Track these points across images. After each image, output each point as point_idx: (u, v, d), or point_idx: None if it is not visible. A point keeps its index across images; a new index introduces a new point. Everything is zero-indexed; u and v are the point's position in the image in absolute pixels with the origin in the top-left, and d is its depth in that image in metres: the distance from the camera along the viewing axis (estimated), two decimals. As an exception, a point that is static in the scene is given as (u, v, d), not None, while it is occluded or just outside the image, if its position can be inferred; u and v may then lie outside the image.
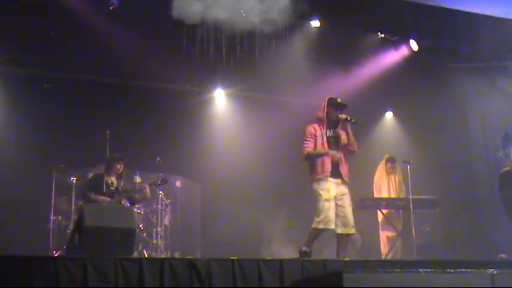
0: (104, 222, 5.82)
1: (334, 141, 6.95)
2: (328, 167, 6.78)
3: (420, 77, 10.33)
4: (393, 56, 10.34)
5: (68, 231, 8.16)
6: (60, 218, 8.75)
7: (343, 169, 6.89)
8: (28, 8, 8.39)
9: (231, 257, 5.50)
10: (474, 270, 5.49)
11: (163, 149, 9.34)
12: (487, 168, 9.83)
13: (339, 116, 6.96)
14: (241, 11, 8.21)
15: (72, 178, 8.76)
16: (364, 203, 8.87)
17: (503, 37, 9.49)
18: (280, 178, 9.92)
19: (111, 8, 8.70)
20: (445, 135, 10.50)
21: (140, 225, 9.02)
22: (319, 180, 6.80)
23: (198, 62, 9.59)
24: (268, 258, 5.90)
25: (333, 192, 6.75)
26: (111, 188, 8.17)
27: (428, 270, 5.37)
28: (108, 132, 8.54)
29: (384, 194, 9.20)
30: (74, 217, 8.04)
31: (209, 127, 10.62)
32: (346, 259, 6.37)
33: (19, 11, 8.37)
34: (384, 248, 9.13)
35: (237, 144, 10.37)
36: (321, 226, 6.69)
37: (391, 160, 9.36)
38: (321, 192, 6.74)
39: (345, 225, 6.75)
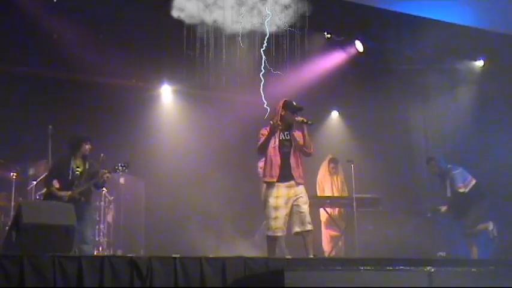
0: (42, 219, 5.67)
1: (287, 144, 6.88)
2: (277, 170, 6.74)
3: (365, 78, 10.50)
4: (339, 56, 10.46)
5: (6, 228, 7.94)
6: (-2, 214, 8.53)
7: (296, 171, 6.81)
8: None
9: (174, 255, 5.45)
10: (413, 268, 5.63)
11: (108, 145, 9.19)
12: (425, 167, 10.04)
13: (296, 118, 6.91)
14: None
15: (11, 173, 8.55)
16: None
17: (444, 40, 9.74)
18: (226, 176, 9.89)
19: (54, 0, 8.52)
20: (389, 135, 10.71)
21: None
22: (268, 184, 6.78)
23: (144, 57, 9.51)
24: (211, 256, 5.88)
25: (282, 199, 6.68)
26: (76, 172, 7.72)
27: (368, 268, 5.47)
28: (50, 127, 8.35)
29: (327, 194, 9.30)
30: (13, 213, 7.82)
31: (155, 123, 10.49)
32: (288, 257, 6.41)
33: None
34: (326, 246, 9.24)
35: (183, 141, 10.29)
36: (269, 233, 6.70)
37: (333, 161, 9.47)
38: (269, 198, 6.72)
39: (302, 223, 6.69)
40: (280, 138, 6.88)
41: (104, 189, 8.63)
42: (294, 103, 6.97)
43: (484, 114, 10.35)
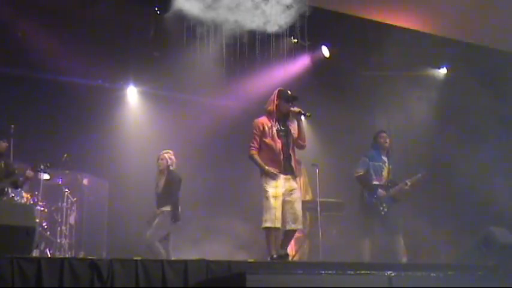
0: (1, 219, 5.58)
1: (284, 135, 6.68)
2: (280, 158, 6.56)
3: (331, 83, 10.58)
4: (305, 61, 10.53)
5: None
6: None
7: (293, 163, 6.68)
8: None
9: (135, 258, 5.42)
10: (374, 272, 5.70)
11: (71, 146, 9.09)
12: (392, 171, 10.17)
13: (291, 109, 6.70)
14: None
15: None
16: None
17: (409, 47, 9.89)
18: (190, 178, 9.86)
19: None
20: (353, 140, 10.81)
21: (44, 224, 8.77)
22: (266, 175, 6.59)
23: (111, 58, 9.44)
24: (173, 259, 5.86)
25: (281, 189, 6.53)
26: None
27: (330, 272, 5.51)
28: (12, 126, 8.22)
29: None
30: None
31: (120, 124, 10.41)
32: (251, 260, 6.41)
33: None
34: (290, 249, 9.26)
35: (147, 142, 10.22)
36: (268, 224, 6.48)
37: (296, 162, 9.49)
38: (268, 189, 6.53)
39: (294, 221, 6.56)
40: (277, 129, 6.69)
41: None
42: (289, 92, 6.79)
43: (446, 121, 10.54)
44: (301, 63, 10.50)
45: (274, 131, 6.64)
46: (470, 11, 9.19)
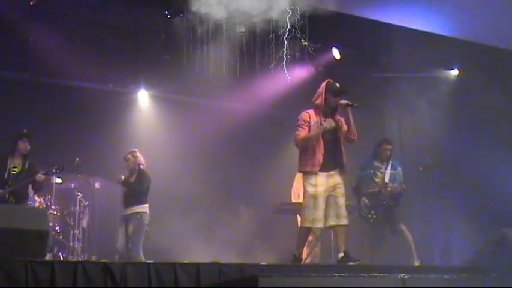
0: (14, 223, 5.61)
1: (331, 130, 6.44)
2: (320, 158, 6.36)
3: (342, 85, 10.53)
4: (316, 63, 10.50)
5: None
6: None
7: (339, 159, 6.48)
8: None
9: (147, 261, 5.42)
10: (387, 274, 5.67)
11: (83, 150, 9.13)
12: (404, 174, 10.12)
13: (340, 102, 6.47)
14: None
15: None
16: (284, 208, 8.94)
17: (420, 48, 9.85)
18: (203, 182, 9.88)
19: (31, 3, 8.45)
20: (364, 143, 10.76)
21: (56, 227, 8.81)
22: (308, 173, 6.41)
23: (121, 62, 9.48)
24: (185, 261, 5.86)
25: (322, 187, 6.34)
26: (13, 172, 7.51)
27: (343, 274, 5.49)
28: (25, 130, 8.27)
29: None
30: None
31: (131, 128, 10.46)
32: (263, 263, 6.40)
33: None
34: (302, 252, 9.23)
35: (159, 145, 10.26)
36: (307, 224, 6.39)
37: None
38: (308, 187, 6.37)
39: (338, 216, 6.37)
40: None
41: (80, 193, 8.51)
42: (338, 85, 6.57)
43: (458, 123, 10.47)
44: (312, 65, 10.47)
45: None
46: (481, 11, 9.12)
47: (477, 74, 10.34)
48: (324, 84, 6.58)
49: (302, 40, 9.50)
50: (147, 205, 8.13)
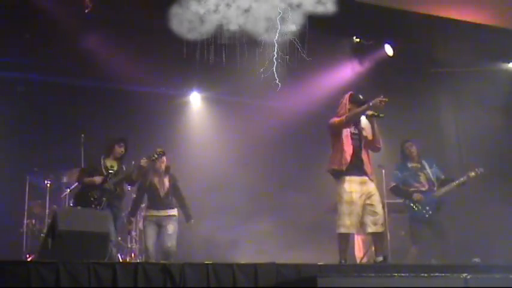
0: (77, 226, 5.75)
1: (357, 138, 6.64)
2: (347, 158, 6.49)
3: (396, 81, 10.40)
4: (368, 60, 10.38)
5: (41, 235, 8.06)
6: (33, 221, 8.67)
7: (368, 167, 6.60)
8: (1, 9, 8.27)
9: (206, 262, 5.47)
10: (448, 274, 5.55)
11: (139, 153, 9.25)
12: (461, 170, 9.90)
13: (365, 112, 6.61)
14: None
15: (46, 182, 8.69)
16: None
17: (477, 42, 9.61)
18: (256, 180, 9.90)
19: (86, 10, 8.62)
20: (421, 139, 10.58)
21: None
22: (338, 177, 6.54)
23: (173, 65, 9.58)
24: (243, 262, 5.88)
25: (356, 194, 6.48)
26: (111, 171, 7.76)
27: (402, 274, 5.41)
28: (82, 135, 8.48)
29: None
30: (48, 221, 7.93)
31: (185, 130, 10.58)
32: (321, 263, 6.37)
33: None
34: (358, 252, 9.16)
35: (213, 147, 10.35)
36: (342, 230, 6.50)
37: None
38: (343, 194, 6.49)
39: (375, 223, 6.50)
40: (351, 132, 6.65)
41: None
42: (361, 96, 6.73)
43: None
44: (364, 62, 10.35)
45: (347, 134, 6.61)
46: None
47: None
48: (347, 95, 6.79)
49: (354, 37, 9.47)
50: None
